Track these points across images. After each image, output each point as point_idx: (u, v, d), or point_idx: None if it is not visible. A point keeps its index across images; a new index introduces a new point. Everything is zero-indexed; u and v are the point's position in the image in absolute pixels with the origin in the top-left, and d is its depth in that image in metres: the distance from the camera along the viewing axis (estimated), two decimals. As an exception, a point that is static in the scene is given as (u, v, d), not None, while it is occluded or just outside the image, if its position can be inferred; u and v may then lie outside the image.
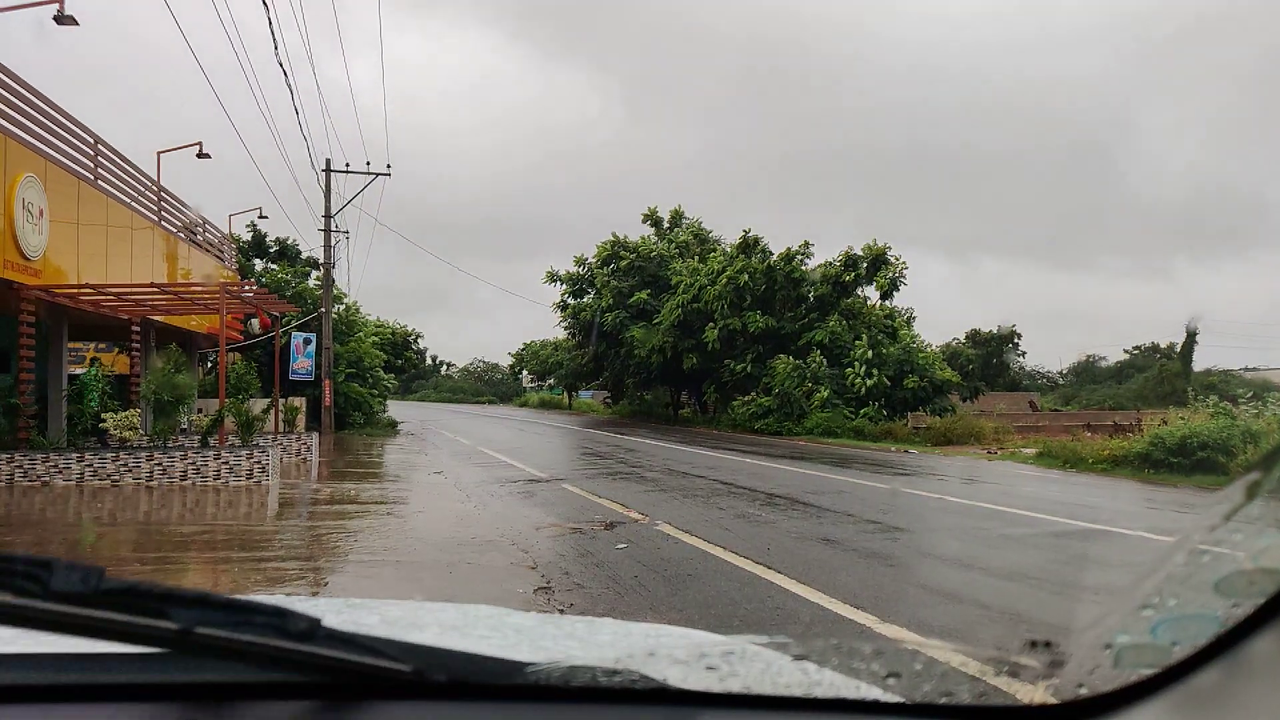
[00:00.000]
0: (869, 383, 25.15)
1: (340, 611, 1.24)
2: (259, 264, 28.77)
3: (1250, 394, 16.41)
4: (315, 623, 0.66)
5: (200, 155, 18.54)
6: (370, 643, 0.69)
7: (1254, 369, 47.38)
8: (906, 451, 19.40)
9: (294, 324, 23.30)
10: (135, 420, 12.43)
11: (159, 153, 17.47)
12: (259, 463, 11.48)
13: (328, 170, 24.03)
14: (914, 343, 27.67)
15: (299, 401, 18.86)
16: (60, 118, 12.12)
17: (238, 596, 0.67)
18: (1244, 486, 0.65)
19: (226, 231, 21.72)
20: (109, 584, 0.61)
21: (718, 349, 28.92)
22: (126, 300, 13.47)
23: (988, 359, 48.72)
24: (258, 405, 14.61)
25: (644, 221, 37.80)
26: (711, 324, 28.94)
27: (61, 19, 11.53)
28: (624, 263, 34.27)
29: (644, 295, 33.01)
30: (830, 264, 28.56)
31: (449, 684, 0.74)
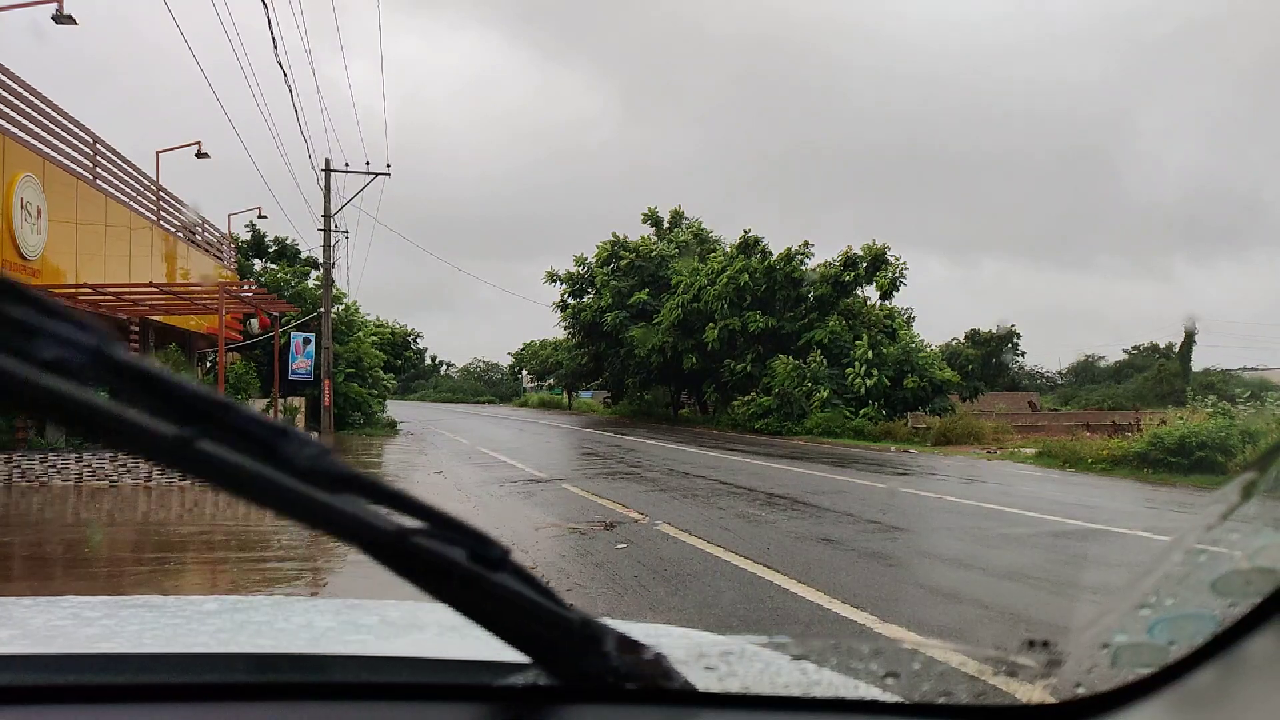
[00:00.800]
0: (869, 383, 25.16)
1: (339, 612, 1.24)
2: (258, 264, 28.77)
3: (1248, 394, 16.43)
4: (506, 553, 0.64)
5: (199, 155, 18.54)
6: (545, 587, 0.68)
7: (1252, 368, 47.42)
8: (906, 451, 19.41)
9: (293, 324, 23.29)
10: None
11: (158, 152, 17.49)
12: (258, 463, 11.47)
13: (327, 170, 24.02)
14: (913, 343, 27.69)
15: (298, 402, 18.86)
16: (59, 117, 12.11)
17: (442, 510, 0.63)
18: (1240, 486, 0.65)
19: (225, 231, 21.72)
20: (336, 469, 0.57)
21: (718, 349, 28.93)
22: (125, 300, 13.47)
23: (987, 359, 48.76)
24: (257, 405, 14.61)
25: (644, 221, 37.84)
26: (711, 324, 28.95)
27: (60, 18, 11.53)
28: (624, 262, 34.29)
29: (643, 295, 33.03)
30: (830, 264, 28.58)
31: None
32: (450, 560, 0.61)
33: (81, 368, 0.51)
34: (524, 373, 69.07)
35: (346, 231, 27.18)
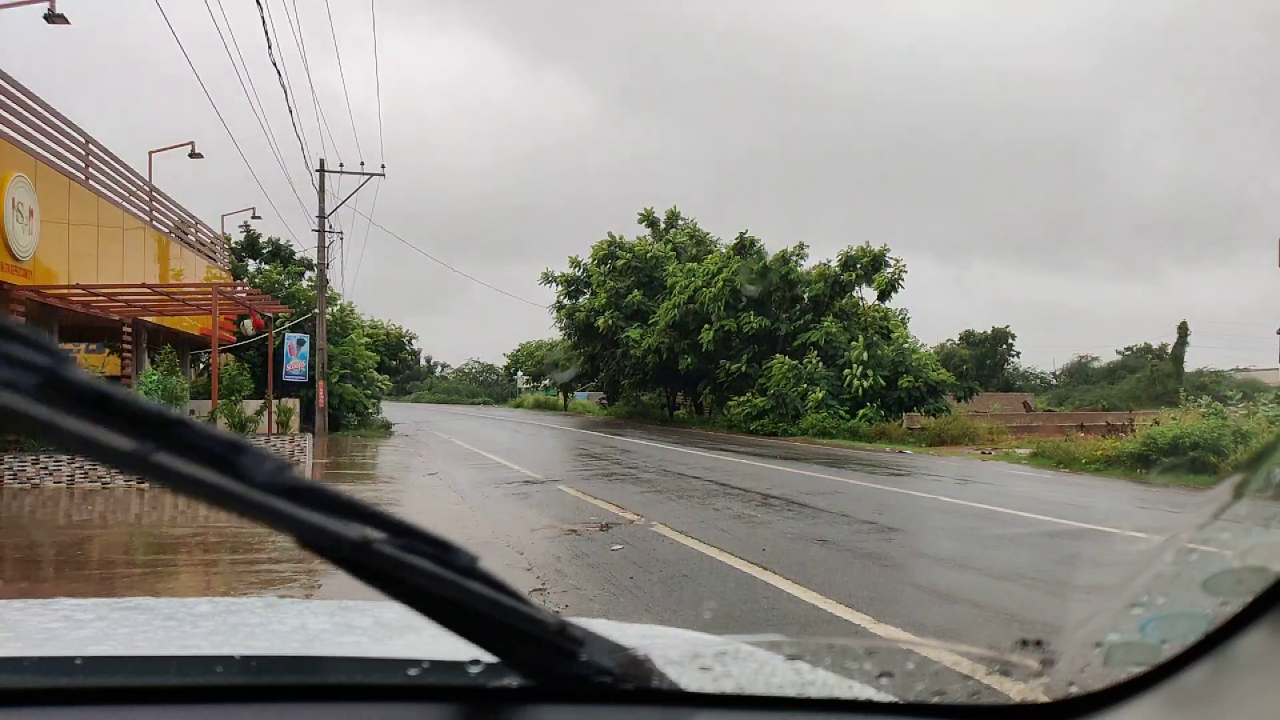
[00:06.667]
0: (865, 384, 25.20)
1: (333, 613, 1.24)
2: (252, 265, 28.66)
3: (1240, 395, 16.52)
4: (474, 559, 0.65)
5: (192, 155, 18.47)
6: (515, 591, 0.68)
7: (1244, 369, 47.70)
8: (901, 452, 19.45)
9: (288, 325, 23.21)
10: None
11: (151, 152, 17.41)
12: (252, 464, 11.42)
13: (321, 170, 23.94)
14: (908, 343, 27.76)
15: (292, 403, 18.78)
16: (51, 117, 12.06)
17: (404, 520, 0.65)
18: (1232, 486, 0.65)
19: (219, 232, 21.65)
20: (294, 481, 0.59)
21: (713, 350, 28.95)
22: (117, 301, 13.40)
23: (982, 359, 48.91)
24: (251, 407, 14.55)
25: (640, 222, 37.85)
26: (707, 325, 28.98)
27: (52, 18, 11.47)
28: (620, 263, 34.30)
29: (638, 296, 33.04)
30: (827, 265, 28.67)
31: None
32: (415, 567, 0.61)
33: (35, 387, 0.53)
34: (519, 374, 68.97)
35: (341, 233, 27.11)
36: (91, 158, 13.32)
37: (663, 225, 37.60)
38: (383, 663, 0.83)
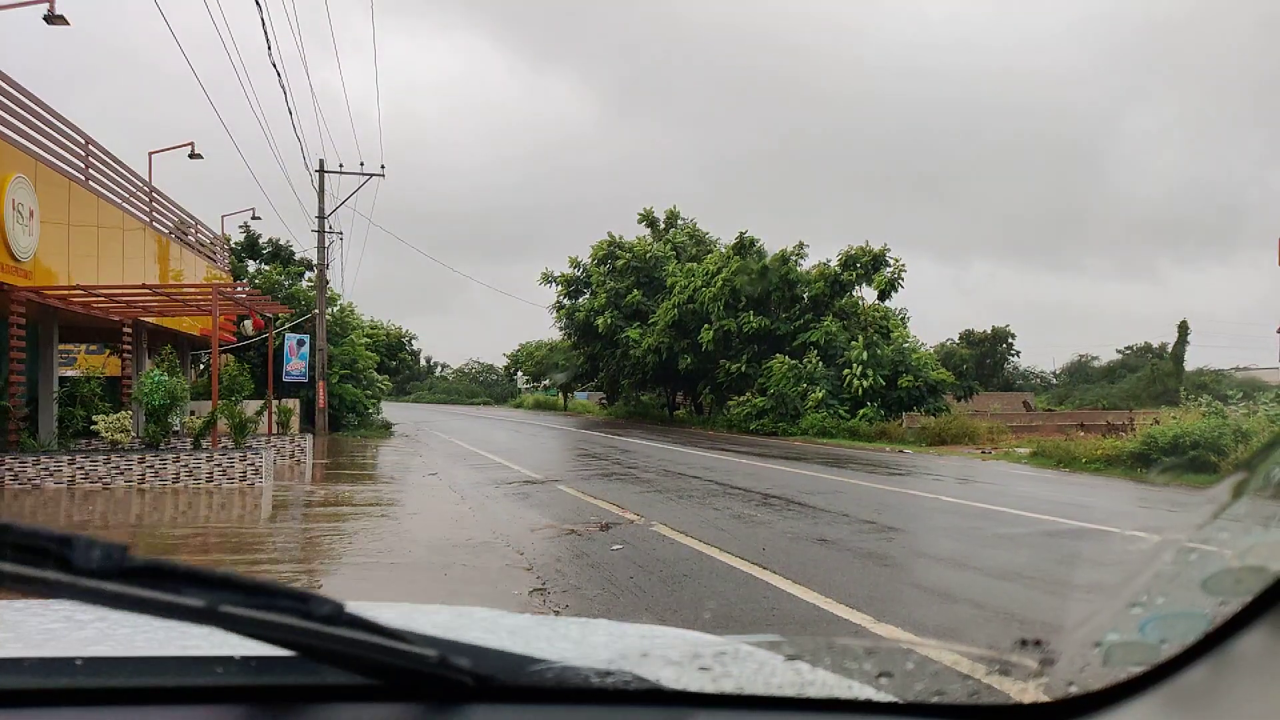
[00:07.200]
0: (865, 384, 25.20)
1: None
2: (252, 265, 28.66)
3: (1240, 394, 16.52)
4: (339, 607, 0.67)
5: (192, 156, 18.47)
6: (393, 630, 0.69)
7: (1244, 369, 47.69)
8: (901, 452, 19.45)
9: (288, 325, 23.22)
10: (127, 423, 12.37)
11: (150, 153, 17.41)
12: (252, 465, 11.43)
13: (321, 171, 23.94)
14: (907, 343, 27.77)
15: (292, 403, 18.79)
16: (51, 118, 12.06)
17: (262, 579, 0.67)
18: (1231, 485, 0.65)
19: (219, 232, 21.65)
20: (132, 561, 0.61)
21: (713, 350, 28.96)
22: (118, 301, 13.40)
23: (982, 359, 48.90)
24: (251, 407, 14.55)
25: (640, 222, 37.85)
26: (707, 325, 28.98)
27: (52, 19, 11.48)
28: (620, 263, 34.32)
29: (638, 296, 33.05)
30: (826, 265, 28.67)
31: (451, 681, 0.74)
32: (274, 624, 0.64)
33: None
34: (519, 374, 68.99)
35: (340, 233, 27.10)
36: (91, 158, 13.32)
37: (662, 225, 37.60)
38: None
